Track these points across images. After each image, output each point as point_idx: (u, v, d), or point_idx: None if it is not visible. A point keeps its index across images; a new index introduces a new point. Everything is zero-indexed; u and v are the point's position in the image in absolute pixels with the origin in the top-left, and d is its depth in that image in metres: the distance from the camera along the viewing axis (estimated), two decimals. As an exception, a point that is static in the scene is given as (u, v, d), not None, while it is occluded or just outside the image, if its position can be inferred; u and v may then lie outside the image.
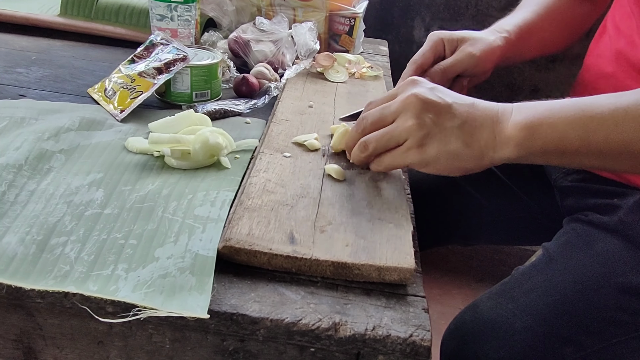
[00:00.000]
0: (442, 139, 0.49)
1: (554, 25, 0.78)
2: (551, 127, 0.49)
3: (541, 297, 0.60)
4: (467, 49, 0.70)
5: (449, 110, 0.50)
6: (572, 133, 0.49)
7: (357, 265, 0.42)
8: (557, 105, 0.50)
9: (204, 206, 0.49)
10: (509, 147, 0.50)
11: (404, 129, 0.50)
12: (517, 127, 0.50)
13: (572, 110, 0.49)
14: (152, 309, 0.37)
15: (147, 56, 0.70)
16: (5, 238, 0.43)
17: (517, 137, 0.50)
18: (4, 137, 0.58)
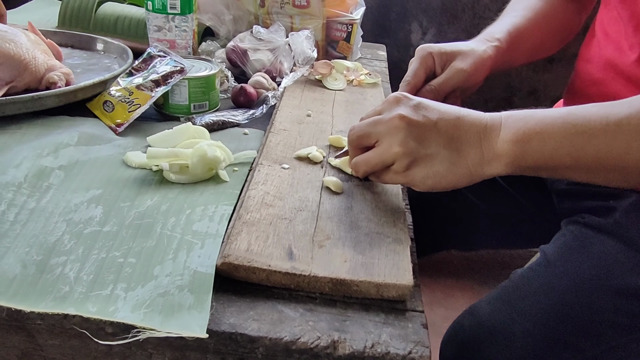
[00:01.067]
0: (427, 162, 0.49)
1: (544, 28, 0.77)
2: (541, 144, 0.48)
3: (539, 301, 0.60)
4: (457, 65, 0.69)
5: (434, 129, 0.50)
6: (562, 150, 0.48)
7: (356, 282, 0.42)
8: (548, 120, 0.49)
9: (202, 221, 0.49)
10: (498, 164, 0.49)
11: (390, 155, 0.50)
12: (506, 144, 0.49)
13: (562, 126, 0.48)
14: (151, 329, 0.37)
15: (145, 69, 0.70)
16: (5, 259, 0.43)
17: (507, 154, 0.49)
18: (4, 154, 0.58)
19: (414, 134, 0.49)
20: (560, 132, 0.48)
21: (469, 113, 0.52)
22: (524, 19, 0.76)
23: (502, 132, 0.50)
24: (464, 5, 1.45)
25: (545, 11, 0.77)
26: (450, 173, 0.50)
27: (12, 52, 0.68)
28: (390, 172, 0.51)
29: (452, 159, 0.49)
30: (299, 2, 0.94)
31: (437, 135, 0.49)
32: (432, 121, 0.50)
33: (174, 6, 0.80)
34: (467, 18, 1.46)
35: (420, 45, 0.72)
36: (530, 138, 0.48)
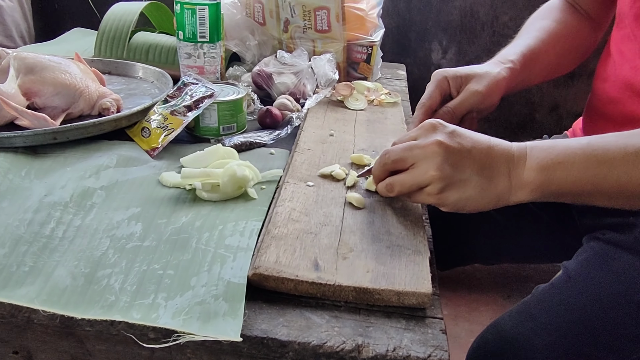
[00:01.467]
0: (460, 187, 0.52)
1: (558, 48, 0.79)
2: (565, 172, 0.51)
3: (561, 315, 0.62)
4: (472, 87, 0.71)
5: (469, 156, 0.53)
6: (584, 178, 0.51)
7: (378, 290, 0.45)
8: (570, 150, 0.52)
9: (234, 236, 0.53)
10: (524, 191, 0.53)
11: (426, 178, 0.52)
12: (532, 172, 0.52)
13: (583, 156, 0.51)
14: (190, 334, 0.41)
15: (179, 95, 0.75)
16: (57, 271, 0.47)
17: (533, 182, 0.52)
18: (50, 176, 0.63)
19: (450, 159, 0.52)
20: (582, 162, 0.51)
21: (498, 142, 0.55)
22: (538, 40, 0.78)
23: (528, 161, 0.53)
24: (483, 23, 1.48)
25: (559, 31, 0.79)
26: (479, 198, 0.53)
27: (68, 82, 0.74)
28: (424, 193, 0.53)
29: (484, 186, 0.52)
30: (321, 27, 0.99)
31: (471, 162, 0.52)
32: (466, 148, 0.53)
33: (204, 35, 0.85)
34: (486, 36, 1.49)
35: (436, 70, 0.74)
36: (554, 167, 0.52)
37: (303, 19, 0.98)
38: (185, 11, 0.83)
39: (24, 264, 0.48)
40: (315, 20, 0.98)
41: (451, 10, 1.49)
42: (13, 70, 0.76)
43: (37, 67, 0.76)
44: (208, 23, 0.84)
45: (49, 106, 0.76)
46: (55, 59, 0.78)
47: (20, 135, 0.67)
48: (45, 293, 0.45)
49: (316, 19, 0.98)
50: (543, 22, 0.81)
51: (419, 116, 0.72)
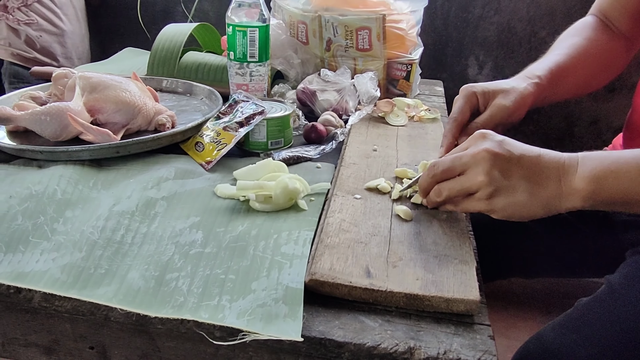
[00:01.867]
0: (509, 192, 0.54)
1: (587, 65, 0.80)
2: (616, 181, 0.53)
3: (605, 327, 0.62)
4: (500, 102, 0.72)
5: (517, 163, 0.55)
6: (635, 187, 0.52)
7: (428, 297, 0.48)
8: (622, 160, 0.54)
9: (288, 244, 0.56)
10: (575, 198, 0.54)
11: (475, 183, 0.55)
12: (584, 180, 0.53)
13: (636, 165, 0.53)
14: (255, 333, 0.44)
15: (230, 112, 0.80)
16: (130, 274, 0.52)
17: (585, 189, 0.53)
18: (116, 187, 0.68)
19: (499, 166, 0.54)
20: (635, 172, 0.53)
21: (548, 152, 0.57)
22: (567, 56, 0.79)
23: (580, 169, 0.55)
24: (520, 39, 1.50)
25: (590, 49, 0.80)
26: (529, 204, 0.55)
27: (128, 100, 0.79)
28: (473, 199, 0.56)
29: (533, 192, 0.54)
30: (362, 46, 1.02)
31: (519, 168, 0.54)
32: (515, 156, 0.55)
33: (253, 55, 0.90)
34: (524, 52, 1.51)
35: (464, 86, 0.76)
36: (606, 176, 0.53)
37: (345, 38, 1.02)
38: (237, 33, 0.88)
39: (100, 267, 0.53)
40: (357, 40, 1.02)
41: (488, 26, 1.51)
42: (79, 89, 0.82)
43: (100, 86, 0.82)
44: (258, 44, 0.89)
45: (111, 122, 0.82)
46: (116, 79, 0.84)
47: (87, 149, 0.73)
48: (122, 293, 0.49)
49: (358, 38, 1.02)
50: (574, 39, 0.82)
51: (450, 130, 0.74)
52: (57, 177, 0.67)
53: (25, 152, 0.74)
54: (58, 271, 0.52)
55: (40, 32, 1.56)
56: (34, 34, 1.54)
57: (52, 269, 0.52)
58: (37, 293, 0.50)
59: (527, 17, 1.47)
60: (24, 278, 0.51)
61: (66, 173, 0.68)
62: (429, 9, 1.45)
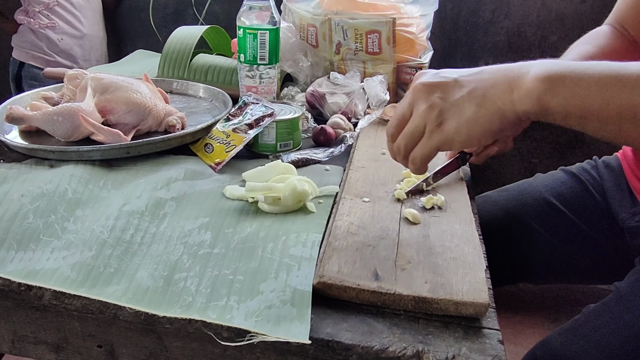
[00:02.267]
0: (455, 111, 0.51)
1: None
2: (574, 83, 0.48)
3: (612, 333, 0.62)
4: None
5: (455, 84, 0.52)
6: (595, 91, 0.47)
7: (437, 300, 0.47)
8: (584, 66, 0.49)
9: (297, 246, 0.56)
10: (529, 100, 0.49)
11: (419, 116, 0.52)
12: (538, 79, 0.49)
13: (598, 69, 0.48)
14: (263, 334, 0.44)
15: (240, 114, 0.80)
16: (139, 273, 0.52)
17: (538, 89, 0.48)
18: (125, 187, 0.69)
19: (436, 92, 0.51)
20: (595, 74, 0.48)
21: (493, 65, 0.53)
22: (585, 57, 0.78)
23: (534, 69, 0.50)
24: (530, 44, 1.49)
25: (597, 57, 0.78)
26: (480, 117, 0.50)
27: (139, 101, 0.80)
28: (425, 138, 0.52)
29: (479, 102, 0.50)
30: (372, 49, 1.02)
31: (459, 87, 0.51)
32: (451, 78, 0.52)
33: (263, 58, 0.90)
34: (534, 56, 1.49)
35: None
36: (564, 75, 0.48)
37: (355, 41, 1.02)
38: (248, 35, 0.88)
39: (110, 266, 0.53)
40: (366, 43, 1.02)
41: (498, 31, 1.50)
42: (90, 90, 0.82)
43: (111, 87, 0.83)
44: (268, 46, 0.89)
45: (121, 123, 0.82)
46: (127, 80, 0.85)
47: (97, 150, 0.73)
48: (130, 292, 0.50)
49: (368, 41, 1.02)
50: (583, 47, 0.81)
51: None
52: (68, 176, 0.67)
53: (37, 152, 0.75)
54: (68, 269, 0.52)
55: (62, 35, 1.57)
56: (55, 37, 1.56)
57: (62, 267, 0.53)
58: (48, 291, 0.50)
59: (538, 21, 1.47)
60: (34, 276, 0.52)
61: (77, 173, 0.69)
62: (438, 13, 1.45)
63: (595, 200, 0.85)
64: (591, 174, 0.89)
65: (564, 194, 0.87)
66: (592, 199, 0.86)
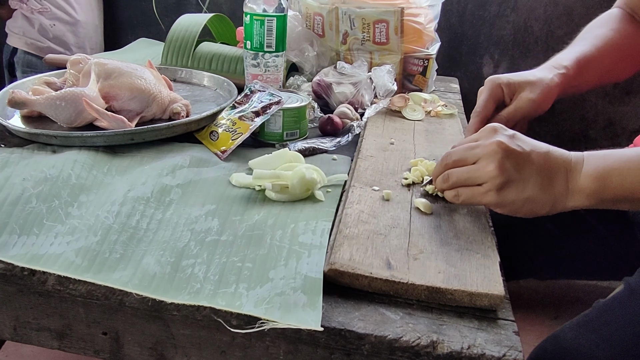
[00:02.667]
0: (519, 185, 0.54)
1: (612, 56, 0.79)
2: (620, 179, 0.53)
3: (623, 328, 0.61)
4: (526, 96, 0.72)
5: (528, 158, 0.54)
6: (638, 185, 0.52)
7: (450, 291, 0.46)
8: (625, 158, 0.54)
9: (306, 234, 0.55)
10: (580, 196, 0.54)
11: (485, 173, 0.54)
12: (588, 178, 0.54)
13: (638, 162, 0.53)
14: (273, 321, 0.43)
15: (246, 102, 0.79)
16: (145, 259, 0.51)
17: (589, 188, 0.54)
18: (130, 173, 0.67)
19: (510, 159, 0.54)
20: (638, 169, 0.52)
21: (556, 149, 0.57)
22: (593, 46, 0.78)
23: (585, 167, 0.55)
24: (537, 38, 1.48)
25: (616, 39, 0.79)
26: (538, 200, 0.54)
27: (143, 87, 0.78)
28: (481, 190, 0.55)
29: (543, 187, 0.54)
30: (379, 39, 1.01)
31: (530, 163, 0.54)
32: (526, 151, 0.55)
33: (270, 45, 0.89)
34: (540, 51, 1.49)
35: (489, 77, 0.76)
36: (610, 174, 0.53)
37: (362, 31, 1.01)
38: (255, 22, 0.87)
39: (115, 252, 0.52)
40: (374, 33, 1.00)
41: (504, 25, 1.49)
42: (94, 75, 0.81)
43: (115, 72, 0.81)
44: (275, 34, 0.88)
45: (125, 109, 0.81)
46: (132, 66, 0.83)
47: (101, 135, 0.72)
48: (137, 278, 0.48)
49: (375, 31, 1.00)
50: (600, 30, 0.82)
51: (474, 124, 0.73)
52: (72, 161, 0.66)
53: (40, 137, 0.73)
54: (73, 254, 0.51)
55: (54, 21, 1.55)
56: (47, 23, 1.54)
57: (66, 252, 0.51)
58: (52, 276, 0.49)
59: (544, 16, 1.46)
60: (38, 260, 0.50)
61: (80, 158, 0.67)
62: (445, 6, 1.43)
63: None
64: None
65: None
66: None
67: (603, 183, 0.53)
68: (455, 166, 0.58)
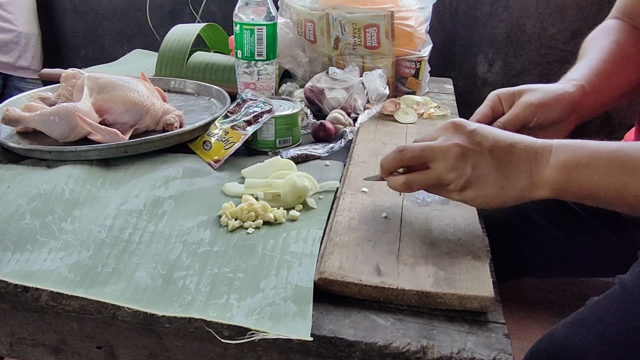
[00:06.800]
0: (479, 185, 0.53)
1: (622, 66, 0.75)
2: (587, 176, 0.51)
3: (615, 324, 0.61)
4: (524, 100, 0.69)
5: (488, 155, 0.53)
6: (605, 184, 0.50)
7: (440, 294, 0.47)
8: (596, 153, 0.51)
9: (297, 243, 0.55)
10: (544, 189, 0.52)
11: (445, 178, 0.54)
12: (554, 171, 0.52)
13: (608, 161, 0.50)
14: (264, 332, 0.43)
15: (239, 111, 0.79)
16: (137, 273, 0.51)
17: (554, 181, 0.52)
18: (124, 186, 0.68)
19: (468, 160, 0.53)
20: (607, 167, 0.50)
21: (522, 139, 0.54)
22: (600, 60, 0.75)
23: (552, 159, 0.52)
24: (530, 36, 1.48)
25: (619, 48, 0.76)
26: (499, 196, 0.53)
27: (136, 100, 0.79)
28: (444, 189, 0.55)
29: (503, 184, 0.53)
30: (370, 44, 1.01)
31: (490, 160, 0.53)
32: (485, 148, 0.53)
33: (261, 53, 0.89)
34: (533, 49, 1.49)
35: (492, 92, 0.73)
36: (577, 169, 0.51)
37: (353, 36, 1.01)
38: (245, 31, 0.87)
39: (108, 266, 0.52)
40: (365, 37, 1.01)
41: (497, 24, 1.49)
42: (87, 90, 0.82)
43: (108, 86, 0.82)
44: (265, 42, 0.88)
45: (119, 122, 0.81)
46: (124, 79, 0.84)
47: (95, 149, 0.73)
48: (129, 292, 0.49)
49: (366, 36, 1.01)
50: (602, 43, 0.78)
51: None
52: (66, 176, 0.67)
53: (34, 152, 0.74)
54: (65, 270, 0.51)
55: None
56: None
57: (59, 268, 0.52)
58: (45, 292, 0.49)
59: (537, 13, 1.46)
60: (31, 277, 0.51)
61: (74, 173, 0.68)
62: (437, 7, 1.44)
63: None
64: None
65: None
66: None
67: (568, 177, 0.51)
68: (410, 163, 0.57)
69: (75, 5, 1.81)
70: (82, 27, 1.84)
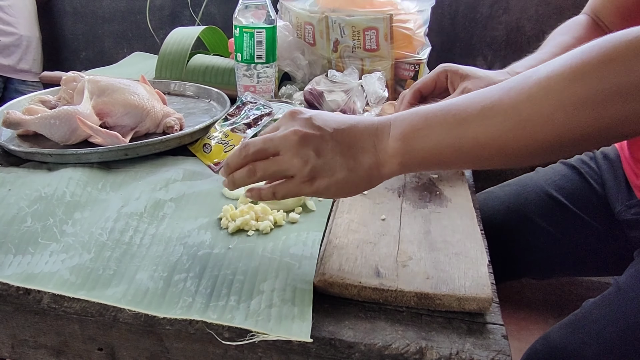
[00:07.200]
0: (327, 171, 0.50)
1: None
2: (425, 139, 0.48)
3: (610, 325, 0.62)
4: (465, 85, 0.70)
5: (330, 139, 0.50)
6: (443, 142, 0.47)
7: (439, 296, 0.47)
8: (430, 114, 0.48)
9: (297, 245, 0.56)
10: (391, 164, 0.49)
11: (290, 166, 0.50)
12: (395, 143, 0.49)
13: (442, 118, 0.47)
14: (264, 333, 0.44)
15: (238, 114, 0.80)
16: (138, 275, 0.52)
17: (398, 153, 0.49)
18: (124, 188, 0.68)
19: (311, 146, 0.50)
20: (441, 125, 0.47)
21: (362, 119, 0.52)
22: (551, 54, 0.75)
23: (392, 131, 0.50)
24: (529, 38, 1.49)
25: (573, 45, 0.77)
26: (351, 181, 0.50)
27: (136, 103, 0.79)
28: (293, 182, 0.51)
29: (350, 166, 0.50)
30: (370, 46, 1.02)
31: (333, 145, 0.50)
32: (327, 132, 0.50)
33: (260, 56, 0.90)
34: (532, 51, 1.49)
35: (442, 63, 0.76)
36: (414, 134, 0.48)
37: (352, 38, 1.02)
38: (244, 34, 0.88)
39: (109, 268, 0.53)
40: (364, 40, 1.01)
41: (496, 26, 1.50)
42: (87, 93, 0.82)
43: (108, 89, 0.83)
44: (265, 45, 0.89)
45: (119, 125, 0.82)
46: (124, 82, 0.84)
47: (95, 152, 0.73)
48: (130, 294, 0.49)
49: (365, 38, 1.01)
50: (562, 38, 0.79)
51: (408, 96, 0.74)
52: (67, 179, 0.67)
53: (35, 155, 0.74)
54: (67, 272, 0.52)
55: None
56: None
57: (61, 270, 0.52)
58: (46, 294, 0.50)
59: (536, 16, 1.46)
60: (33, 279, 0.51)
61: (75, 175, 0.68)
62: (436, 9, 1.44)
63: (595, 192, 0.85)
64: (590, 166, 0.88)
65: (565, 187, 0.87)
66: (593, 190, 0.85)
67: (410, 146, 0.48)
68: (255, 158, 0.53)
69: (75, 8, 1.82)
70: (82, 29, 1.84)
